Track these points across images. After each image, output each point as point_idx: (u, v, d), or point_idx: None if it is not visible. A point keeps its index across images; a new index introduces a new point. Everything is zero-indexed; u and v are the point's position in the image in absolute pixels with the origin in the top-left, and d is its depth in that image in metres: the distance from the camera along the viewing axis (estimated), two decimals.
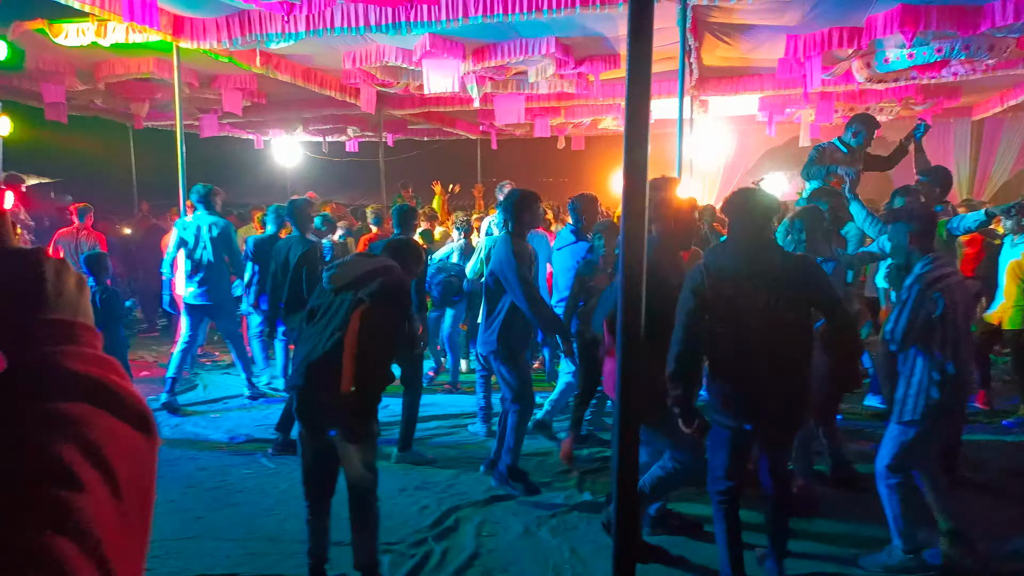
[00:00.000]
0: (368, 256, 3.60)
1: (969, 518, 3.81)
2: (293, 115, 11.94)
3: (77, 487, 0.55)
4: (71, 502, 0.54)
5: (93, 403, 0.61)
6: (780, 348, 3.08)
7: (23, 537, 0.51)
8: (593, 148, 14.97)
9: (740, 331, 3.10)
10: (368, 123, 12.80)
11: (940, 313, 3.31)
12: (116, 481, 0.58)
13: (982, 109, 11.91)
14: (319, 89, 9.12)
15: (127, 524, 0.58)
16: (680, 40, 5.91)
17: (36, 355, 0.62)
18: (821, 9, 6.34)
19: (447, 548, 3.83)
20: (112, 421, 0.61)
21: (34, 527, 0.52)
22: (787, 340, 3.09)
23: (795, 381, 3.16)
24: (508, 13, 5.72)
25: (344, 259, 3.45)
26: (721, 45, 7.76)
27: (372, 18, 5.96)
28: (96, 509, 0.55)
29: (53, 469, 0.55)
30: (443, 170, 12.74)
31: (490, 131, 14.11)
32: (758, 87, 9.48)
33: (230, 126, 12.94)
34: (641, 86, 1.54)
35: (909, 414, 3.42)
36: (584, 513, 4.22)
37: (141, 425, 0.64)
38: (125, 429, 0.62)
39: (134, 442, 0.62)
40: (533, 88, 9.08)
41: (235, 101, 9.09)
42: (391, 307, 3.27)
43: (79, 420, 0.59)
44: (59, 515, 0.53)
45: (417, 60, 7.35)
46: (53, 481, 0.55)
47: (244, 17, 6.35)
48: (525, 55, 7.31)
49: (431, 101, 10.54)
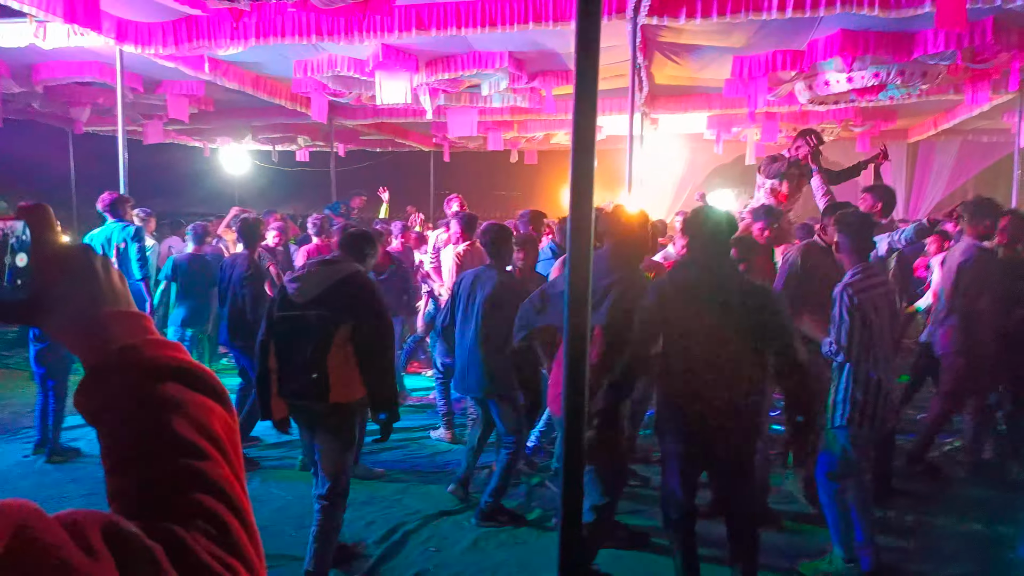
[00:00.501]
0: (328, 263, 3.48)
1: (896, 525, 3.95)
2: (242, 123, 11.74)
3: (203, 456, 0.66)
4: (204, 469, 0.65)
5: (184, 384, 0.70)
6: (730, 374, 3.03)
7: (183, 499, 0.63)
8: (546, 162, 15.10)
9: (690, 353, 3.06)
10: (319, 133, 12.65)
11: (864, 321, 3.43)
12: (223, 448, 0.69)
13: (917, 132, 12.44)
14: (269, 97, 8.99)
15: (239, 480, 0.69)
16: (631, 58, 6.03)
17: (120, 345, 0.70)
18: (765, 32, 6.54)
19: (393, 564, 3.78)
20: (201, 398, 0.70)
21: (186, 490, 0.63)
22: (738, 366, 3.04)
23: (744, 408, 3.08)
24: (462, 27, 5.75)
25: (307, 270, 3.43)
26: (670, 64, 7.93)
27: (325, 28, 5.91)
28: (221, 471, 0.67)
29: (180, 444, 0.66)
30: (395, 182, 12.66)
31: (443, 143, 14.10)
32: (706, 106, 9.72)
33: (176, 133, 12.63)
34: (587, 101, 1.57)
35: (839, 419, 3.52)
36: (533, 528, 4.21)
37: (220, 399, 0.73)
38: (211, 403, 0.71)
39: (220, 413, 0.71)
40: (486, 101, 9.14)
41: (181, 108, 8.88)
42: (371, 319, 3.33)
43: (181, 401, 0.68)
44: (200, 479, 0.65)
45: (370, 70, 7.31)
46: (183, 454, 0.65)
47: (191, 23, 6.22)
48: (479, 68, 7.34)
49: (384, 112, 10.49)
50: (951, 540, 4.07)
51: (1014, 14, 5.78)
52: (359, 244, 3.61)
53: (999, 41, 6.15)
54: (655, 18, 5.44)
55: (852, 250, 3.57)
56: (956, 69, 7.21)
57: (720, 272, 3.13)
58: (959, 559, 3.85)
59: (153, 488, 0.63)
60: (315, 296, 3.31)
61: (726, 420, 3.05)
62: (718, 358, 3.02)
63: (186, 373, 0.71)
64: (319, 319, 3.28)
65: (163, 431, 0.66)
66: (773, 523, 4.11)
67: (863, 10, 5.10)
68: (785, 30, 6.41)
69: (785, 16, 5.25)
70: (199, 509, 0.63)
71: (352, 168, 15.68)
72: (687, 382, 3.08)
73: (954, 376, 4.77)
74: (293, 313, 3.35)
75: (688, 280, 3.15)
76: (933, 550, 3.95)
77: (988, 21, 5.96)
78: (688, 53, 7.54)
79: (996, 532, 4.10)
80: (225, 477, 0.67)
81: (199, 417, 0.68)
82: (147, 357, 0.70)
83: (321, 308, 3.28)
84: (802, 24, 6.13)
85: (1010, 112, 9.30)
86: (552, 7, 5.48)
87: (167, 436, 0.66)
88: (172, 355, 0.72)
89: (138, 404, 0.67)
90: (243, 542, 0.63)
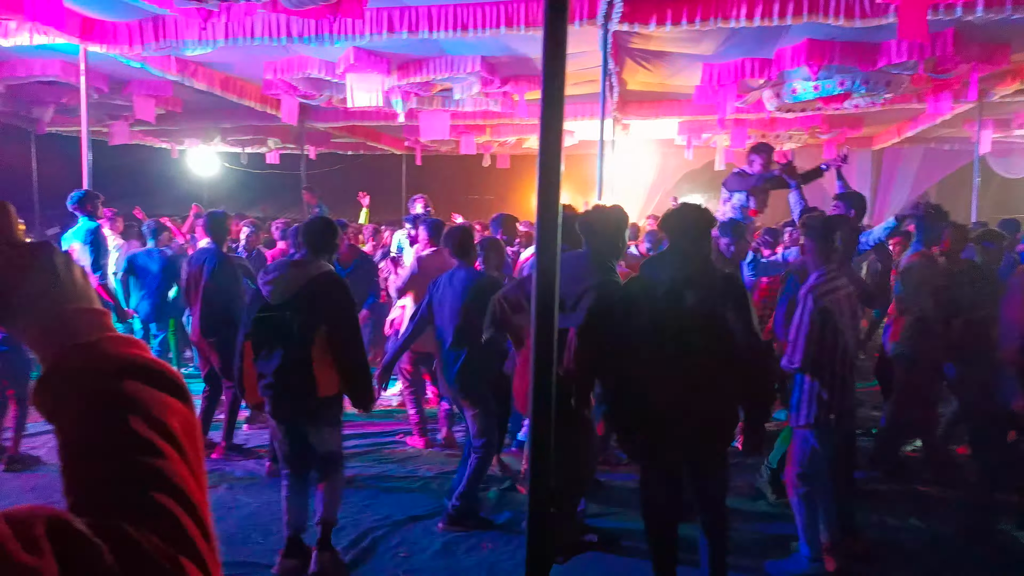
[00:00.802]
0: (298, 264, 3.57)
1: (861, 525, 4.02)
2: (211, 124, 11.57)
3: (159, 454, 0.66)
4: (159, 466, 0.65)
5: (143, 381, 0.70)
6: (698, 364, 3.03)
7: (136, 496, 0.62)
8: (518, 166, 15.13)
9: (658, 343, 3.06)
10: (290, 135, 12.53)
11: (826, 322, 3.48)
12: (180, 445, 0.68)
13: (881, 140, 12.72)
14: (238, 99, 8.87)
15: (196, 478, 0.68)
16: (602, 64, 6.07)
17: (79, 342, 0.70)
18: (735, 40, 6.64)
19: (363, 570, 3.75)
20: (160, 395, 0.70)
21: (139, 487, 0.63)
22: (706, 357, 3.03)
23: (710, 400, 3.07)
24: (434, 30, 5.74)
25: (281, 272, 3.52)
26: (641, 70, 8.01)
27: (295, 29, 5.86)
28: (177, 468, 0.66)
29: (135, 441, 0.65)
30: (367, 185, 12.58)
31: (415, 146, 14.06)
32: (677, 112, 9.82)
33: (142, 134, 12.41)
34: (554, 107, 1.57)
35: (804, 418, 3.57)
36: (503, 532, 4.20)
37: (180, 395, 0.72)
38: (171, 400, 0.71)
39: (180, 410, 0.71)
40: (459, 105, 9.12)
41: (148, 108, 8.73)
42: (343, 319, 3.52)
43: (139, 398, 0.68)
44: (155, 477, 0.64)
45: (341, 73, 7.27)
46: (138, 452, 0.65)
47: (159, 22, 6.12)
48: (450, 72, 7.34)
49: (355, 115, 10.42)
50: (913, 540, 4.15)
51: (973, 26, 5.94)
52: (320, 235, 3.66)
53: (959, 52, 6.31)
54: (626, 24, 5.50)
55: (817, 253, 3.63)
56: (919, 79, 7.38)
57: (692, 258, 3.15)
58: (921, 559, 3.93)
59: (105, 486, 0.63)
60: (289, 297, 3.44)
61: (697, 412, 3.05)
62: (686, 345, 3.02)
63: (145, 370, 0.71)
64: (297, 320, 3.43)
65: (118, 428, 0.66)
66: None
67: (828, 20, 5.21)
68: (753, 39, 6.51)
69: (753, 25, 5.34)
70: (152, 507, 0.62)
71: (323, 171, 15.56)
72: (656, 375, 3.07)
73: (903, 379, 4.90)
74: (270, 315, 3.48)
75: (661, 268, 3.21)
76: (896, 550, 4.02)
77: (949, 33, 6.12)
78: (659, 59, 7.62)
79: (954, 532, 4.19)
80: (180, 475, 0.66)
81: (157, 414, 0.68)
82: (105, 353, 0.70)
83: (297, 309, 3.43)
84: (770, 33, 6.23)
85: (971, 121, 9.55)
86: (524, 11, 5.50)
87: (122, 433, 0.65)
88: (131, 351, 0.72)
89: (94, 401, 0.67)
90: (197, 541, 0.63)
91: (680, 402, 3.02)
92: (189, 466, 0.68)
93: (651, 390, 3.09)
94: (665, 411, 3.07)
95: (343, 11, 4.51)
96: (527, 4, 5.50)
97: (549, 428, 1.70)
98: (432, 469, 5.18)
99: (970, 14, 5.01)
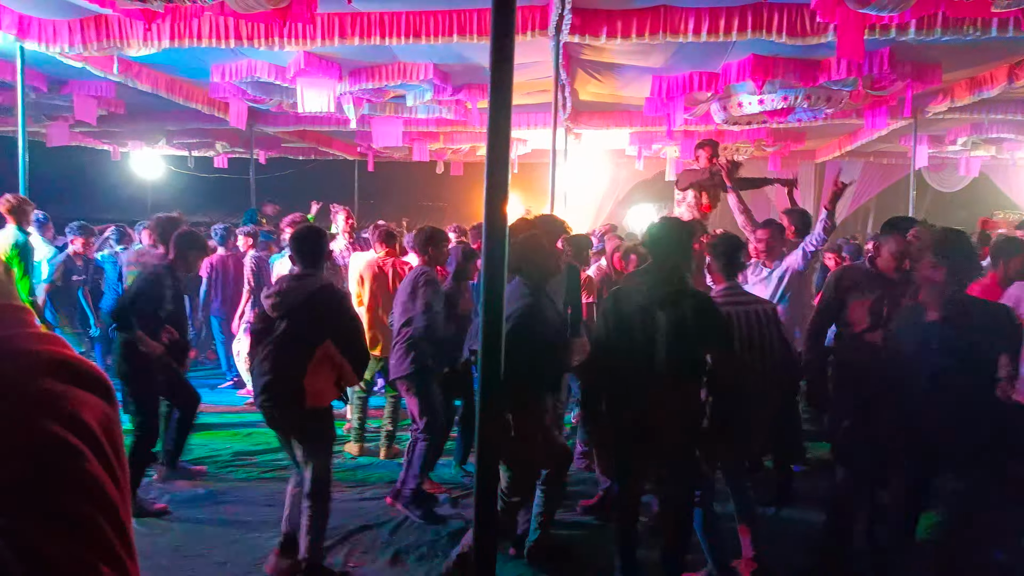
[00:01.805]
0: (298, 278, 3.63)
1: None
2: (156, 127, 11.27)
3: (72, 453, 0.63)
4: (77, 467, 0.63)
5: (61, 377, 0.67)
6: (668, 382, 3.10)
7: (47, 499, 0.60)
8: (472, 174, 15.16)
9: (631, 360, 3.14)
10: (239, 139, 12.31)
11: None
12: (98, 444, 0.66)
13: (824, 153, 13.17)
14: (185, 101, 8.68)
15: (115, 478, 0.66)
16: (554, 74, 6.14)
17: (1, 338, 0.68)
18: (683, 54, 6.80)
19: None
20: (79, 392, 0.68)
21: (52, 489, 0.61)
22: (677, 375, 3.11)
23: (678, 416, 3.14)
24: (386, 38, 5.72)
25: (281, 286, 3.60)
26: (593, 81, 8.13)
27: (244, 33, 5.77)
28: (95, 470, 0.64)
29: (50, 441, 0.63)
30: (319, 191, 12.40)
31: (368, 153, 13.95)
32: (627, 123, 9.99)
33: (83, 135, 12.03)
34: (502, 109, 1.59)
35: None
36: (457, 540, 4.19)
37: (104, 393, 0.71)
38: (92, 399, 0.68)
39: (103, 409, 0.69)
40: (412, 112, 9.10)
41: (89, 109, 8.47)
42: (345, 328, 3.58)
43: (59, 396, 0.66)
44: (65, 477, 0.62)
45: (291, 78, 7.18)
46: (53, 452, 0.63)
47: (101, 22, 5.95)
48: (403, 79, 7.32)
49: (306, 120, 10.31)
50: None
51: (908, 47, 6.21)
52: (306, 242, 3.69)
53: (894, 71, 6.59)
54: (577, 36, 5.58)
55: (719, 270, 3.72)
56: (857, 95, 7.67)
57: (666, 278, 3.18)
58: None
59: (16, 488, 0.61)
60: (289, 311, 3.50)
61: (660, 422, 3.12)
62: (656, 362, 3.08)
63: (64, 366, 0.69)
64: (296, 333, 3.49)
65: (30, 426, 0.63)
66: None
67: (772, 37, 5.38)
68: (701, 53, 6.67)
69: (700, 40, 5.48)
70: (64, 510, 0.61)
71: (273, 176, 15.31)
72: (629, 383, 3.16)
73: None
74: (270, 326, 3.56)
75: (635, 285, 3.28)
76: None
77: (885, 52, 6.39)
78: (610, 71, 7.75)
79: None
80: (94, 474, 0.64)
81: (72, 411, 0.66)
82: (21, 349, 0.68)
83: (297, 322, 3.50)
84: (716, 48, 6.40)
85: (906, 136, 9.96)
86: (476, 21, 5.53)
87: (34, 432, 0.63)
88: (50, 348, 0.70)
89: (6, 397, 0.65)
90: (112, 543, 0.61)
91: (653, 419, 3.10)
92: (107, 465, 0.66)
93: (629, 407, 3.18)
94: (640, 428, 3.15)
95: (293, 16, 4.46)
96: (479, 13, 5.53)
97: (496, 430, 1.72)
98: (383, 477, 5.13)
99: (904, 35, 5.24)
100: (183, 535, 4.19)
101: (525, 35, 5.54)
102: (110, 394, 0.72)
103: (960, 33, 5.16)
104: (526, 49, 6.37)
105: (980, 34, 5.16)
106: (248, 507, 4.57)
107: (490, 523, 1.70)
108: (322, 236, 3.81)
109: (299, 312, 3.48)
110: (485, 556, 1.72)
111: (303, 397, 3.46)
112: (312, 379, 3.47)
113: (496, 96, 1.59)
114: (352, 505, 4.63)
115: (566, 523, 4.31)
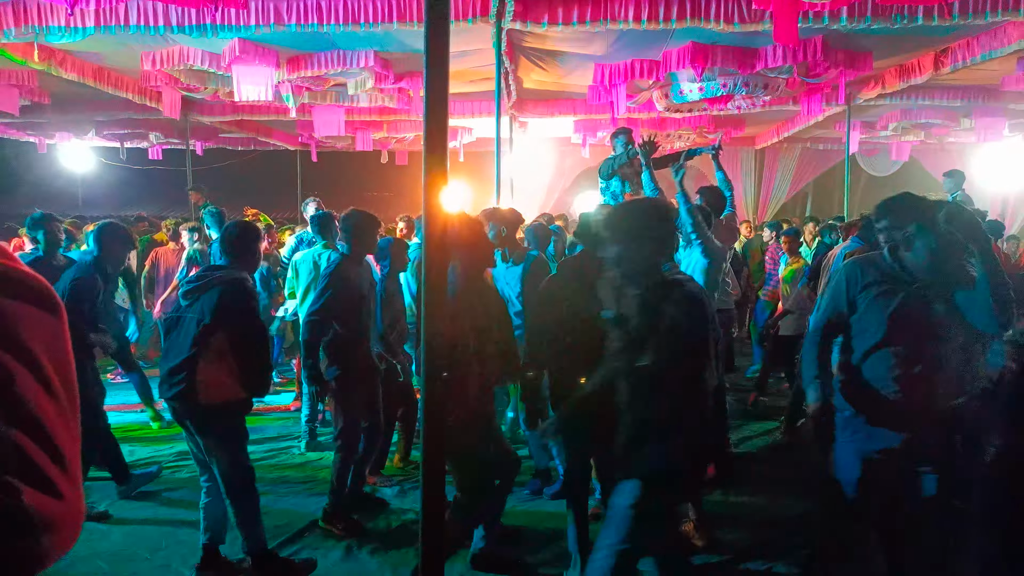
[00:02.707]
0: (212, 269, 3.63)
1: None
2: (84, 117, 10.79)
3: (6, 376, 0.58)
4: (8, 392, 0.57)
5: (3, 293, 0.61)
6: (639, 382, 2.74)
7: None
8: (417, 163, 14.94)
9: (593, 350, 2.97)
10: (173, 129, 11.89)
11: None
12: (38, 363, 0.60)
13: (763, 139, 13.47)
14: (114, 90, 8.32)
15: (58, 403, 0.61)
16: (496, 62, 6.10)
17: None
18: (624, 42, 6.84)
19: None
20: (15, 304, 0.62)
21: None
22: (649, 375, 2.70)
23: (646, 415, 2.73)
24: (323, 23, 5.59)
25: (197, 277, 3.55)
26: (537, 69, 8.11)
27: (173, 18, 5.56)
28: (30, 394, 0.59)
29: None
30: (260, 182, 12.11)
31: (310, 142, 13.66)
32: (572, 110, 10.02)
33: (4, 127, 11.45)
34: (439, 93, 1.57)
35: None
36: (409, 531, 4.17)
37: (45, 304, 0.64)
38: (31, 310, 0.63)
39: (43, 322, 0.63)
40: (354, 101, 8.94)
41: (10, 99, 8.06)
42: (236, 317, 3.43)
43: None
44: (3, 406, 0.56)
45: (227, 65, 6.96)
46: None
47: (19, 5, 5.64)
48: (343, 67, 7.17)
49: (244, 109, 10.03)
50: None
51: (840, 35, 6.38)
52: (237, 239, 3.62)
53: (828, 58, 6.76)
54: (519, 23, 5.55)
55: None
56: (793, 83, 7.86)
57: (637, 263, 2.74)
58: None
59: None
60: (193, 301, 3.46)
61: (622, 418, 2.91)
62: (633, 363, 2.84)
63: (4, 280, 0.63)
64: (195, 321, 3.42)
65: None
66: None
67: (709, 25, 5.45)
68: (642, 41, 6.72)
69: (640, 27, 5.51)
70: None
71: (212, 167, 14.86)
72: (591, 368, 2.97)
73: None
74: (175, 316, 3.52)
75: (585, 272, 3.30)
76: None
77: (818, 40, 6.54)
78: (553, 59, 7.74)
79: None
80: (22, 396, 0.59)
81: (9, 329, 0.61)
82: None
83: (199, 312, 3.43)
84: (657, 36, 6.45)
85: (841, 122, 10.26)
86: (415, 7, 5.45)
87: None
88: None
89: None
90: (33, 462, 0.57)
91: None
92: (44, 379, 0.61)
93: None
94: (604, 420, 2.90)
95: (225, 0, 4.31)
96: None
97: (441, 429, 1.70)
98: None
99: (835, 23, 5.37)
100: (124, 538, 4.07)
101: (467, 21, 5.49)
102: (55, 307, 0.67)
103: (888, 21, 5.32)
104: (469, 37, 6.32)
105: (907, 22, 5.33)
106: (192, 508, 4.44)
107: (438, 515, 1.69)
108: (248, 232, 3.70)
109: (202, 302, 3.43)
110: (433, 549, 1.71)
111: (196, 388, 3.38)
112: (206, 371, 3.37)
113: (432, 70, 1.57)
114: (301, 500, 4.57)
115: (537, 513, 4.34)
